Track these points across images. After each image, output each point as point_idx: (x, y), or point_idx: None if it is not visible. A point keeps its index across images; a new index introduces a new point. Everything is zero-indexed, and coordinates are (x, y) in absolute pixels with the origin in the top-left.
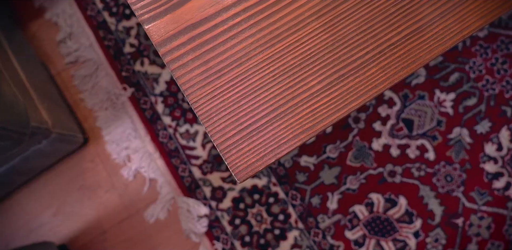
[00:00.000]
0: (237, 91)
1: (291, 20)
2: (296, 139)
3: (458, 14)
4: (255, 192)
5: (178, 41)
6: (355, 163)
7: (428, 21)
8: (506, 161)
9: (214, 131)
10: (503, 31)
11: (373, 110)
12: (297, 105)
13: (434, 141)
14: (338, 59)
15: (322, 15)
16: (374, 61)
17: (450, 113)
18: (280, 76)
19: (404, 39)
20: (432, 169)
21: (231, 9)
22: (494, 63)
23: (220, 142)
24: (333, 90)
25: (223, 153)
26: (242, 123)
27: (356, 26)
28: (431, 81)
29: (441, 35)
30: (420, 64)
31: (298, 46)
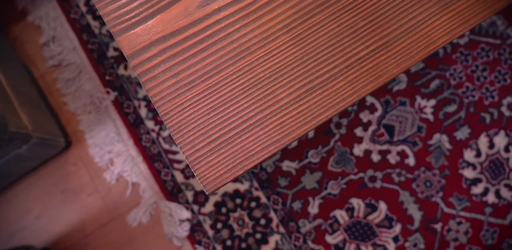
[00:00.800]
0: (207, 104)
1: (262, 33)
2: (265, 151)
3: (425, 30)
4: (237, 196)
5: (149, 53)
6: (336, 168)
7: (396, 35)
8: (484, 167)
9: (184, 142)
10: (483, 39)
11: (354, 116)
12: (266, 118)
13: (415, 146)
14: (307, 73)
15: (292, 28)
16: (342, 75)
17: (431, 120)
18: (250, 89)
19: (372, 53)
20: (412, 174)
21: (202, 21)
22: (475, 70)
23: (190, 154)
24: (302, 103)
25: (192, 165)
26: (211, 135)
27: (325, 40)
28: (412, 88)
29: (409, 49)
30: (387, 78)
31: (268, 59)
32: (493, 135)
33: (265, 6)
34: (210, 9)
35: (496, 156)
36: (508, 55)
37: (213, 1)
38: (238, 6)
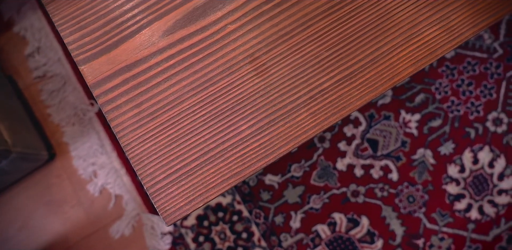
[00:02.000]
0: (168, 135)
1: (225, 63)
2: (225, 183)
3: (390, 60)
4: (219, 210)
5: (112, 83)
6: (319, 182)
7: (361, 66)
8: (468, 182)
9: (145, 174)
10: (470, 53)
11: (338, 130)
12: (227, 150)
13: (398, 161)
14: (270, 104)
15: (255, 58)
16: (305, 107)
17: (415, 134)
18: (212, 120)
19: (336, 85)
20: (395, 189)
21: (166, 51)
22: (460, 85)
23: (150, 185)
24: (263, 135)
25: (152, 196)
26: (172, 167)
27: (288, 70)
28: (397, 102)
29: (373, 81)
30: (350, 111)
31: (231, 90)
32: (477, 150)
33: (228, 36)
34: (173, 38)
35: (480, 171)
36: (494, 69)
37: (177, 31)
38: (201, 35)
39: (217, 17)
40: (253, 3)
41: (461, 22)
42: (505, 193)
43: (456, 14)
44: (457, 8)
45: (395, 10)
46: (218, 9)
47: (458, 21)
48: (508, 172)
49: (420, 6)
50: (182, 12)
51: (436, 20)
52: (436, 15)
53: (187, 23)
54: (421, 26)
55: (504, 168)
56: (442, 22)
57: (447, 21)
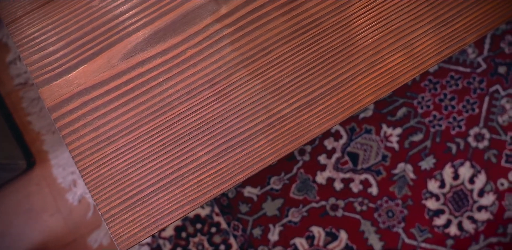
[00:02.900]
0: (125, 160)
1: (184, 87)
2: (180, 210)
3: (351, 88)
4: (198, 221)
5: (70, 106)
6: (298, 196)
7: (321, 93)
8: (448, 198)
9: (100, 199)
10: (453, 67)
11: (319, 143)
12: (183, 176)
13: (378, 175)
14: (228, 130)
15: (215, 83)
16: (263, 134)
17: (396, 149)
18: (169, 146)
19: (295, 112)
20: (374, 204)
21: (125, 74)
22: (443, 99)
23: (105, 211)
24: (220, 162)
25: (107, 222)
26: (127, 192)
27: (248, 96)
28: (379, 115)
29: (333, 108)
30: (309, 138)
31: (189, 115)
32: (458, 166)
33: (189, 60)
34: (133, 61)
35: (460, 187)
36: (477, 84)
37: (137, 54)
38: (161, 59)
39: (178, 41)
40: (215, 26)
41: (424, 49)
42: (485, 209)
43: (420, 41)
44: (421, 34)
45: (358, 36)
46: (179, 32)
47: (422, 48)
48: (489, 188)
49: (384, 32)
50: (142, 35)
51: (399, 46)
52: (400, 42)
53: (147, 46)
54: (384, 52)
55: (485, 184)
56: (405, 49)
57: (411, 48)
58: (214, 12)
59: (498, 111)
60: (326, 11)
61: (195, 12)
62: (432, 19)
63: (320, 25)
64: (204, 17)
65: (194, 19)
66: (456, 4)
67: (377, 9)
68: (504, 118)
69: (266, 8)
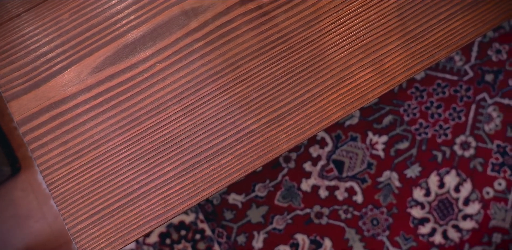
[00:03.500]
0: (93, 174)
1: (153, 102)
2: (146, 225)
3: (319, 104)
4: (182, 228)
5: (39, 120)
6: (283, 203)
7: (289, 109)
8: (433, 206)
9: (67, 213)
10: (440, 74)
11: (304, 151)
12: (150, 192)
13: (363, 183)
14: (195, 145)
15: (183, 98)
16: (230, 149)
17: (381, 156)
18: (136, 161)
19: (263, 127)
20: (359, 211)
21: (94, 88)
22: (429, 107)
23: (72, 225)
24: (187, 178)
25: (73, 237)
26: (95, 207)
27: (216, 111)
28: (365, 123)
29: (301, 124)
30: (276, 154)
31: (157, 130)
32: (444, 174)
33: (157, 74)
34: (102, 75)
35: (445, 195)
36: (464, 92)
37: (106, 68)
38: (130, 73)
39: (147, 55)
40: (184, 41)
41: (394, 65)
42: (470, 218)
43: (389, 57)
44: (391, 50)
45: (328, 51)
46: (149, 46)
47: (391, 64)
48: (474, 196)
49: (353, 48)
50: (112, 48)
51: (368, 62)
52: (369, 58)
53: (116, 60)
54: (353, 68)
55: (470, 193)
56: (375, 65)
57: (380, 64)
58: (184, 26)
59: (485, 120)
60: (295, 26)
61: (165, 26)
62: (402, 34)
63: (289, 40)
64: (174, 31)
65: (164, 33)
66: (426, 20)
67: (346, 25)
68: (491, 126)
69: (236, 22)
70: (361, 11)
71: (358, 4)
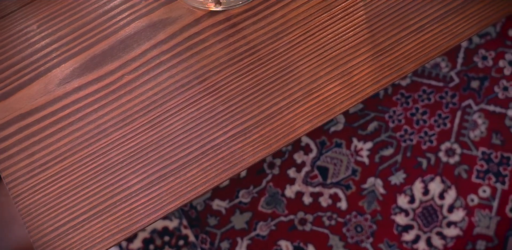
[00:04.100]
0: (59, 186)
1: (120, 114)
2: (111, 239)
3: (286, 117)
4: (166, 234)
5: (6, 132)
6: (266, 209)
7: (256, 122)
8: (417, 213)
9: (33, 226)
10: (426, 81)
11: (288, 157)
12: (116, 204)
13: (348, 190)
14: (162, 158)
15: (150, 110)
16: (196, 162)
17: (366, 163)
18: (102, 173)
19: (229, 140)
20: (343, 218)
21: (62, 100)
22: (414, 113)
23: (37, 238)
24: (153, 191)
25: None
26: (60, 220)
27: (182, 124)
28: (349, 129)
29: (267, 137)
30: (242, 168)
31: (124, 142)
32: (428, 181)
33: (125, 86)
34: (70, 87)
35: (430, 202)
36: (450, 98)
37: (74, 79)
38: (98, 85)
39: (115, 67)
40: (152, 52)
41: (362, 78)
42: (454, 225)
43: (358, 69)
44: (359, 63)
45: (296, 64)
46: (116, 58)
47: (360, 77)
48: (458, 204)
49: (321, 60)
50: (80, 60)
51: (337, 75)
52: (338, 70)
53: (84, 71)
54: (321, 81)
55: (454, 200)
56: (343, 77)
57: (349, 76)
58: (152, 38)
59: (470, 126)
60: (264, 38)
61: (133, 38)
62: (371, 47)
63: (257, 52)
64: (141, 43)
65: (131, 44)
66: (396, 32)
67: (315, 37)
68: (476, 133)
69: (204, 34)
70: (330, 23)
71: (328, 16)
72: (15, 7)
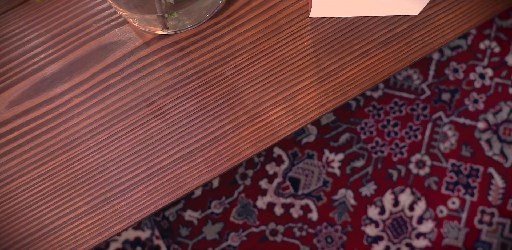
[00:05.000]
0: (5, 209)
1: (67, 137)
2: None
3: (231, 140)
4: (138, 244)
5: None
6: (238, 220)
7: (202, 145)
8: (387, 225)
9: None
10: (397, 93)
11: (260, 168)
12: (61, 226)
13: (319, 201)
14: (108, 181)
15: (97, 133)
16: (142, 185)
17: (337, 174)
18: (49, 195)
19: (175, 163)
20: (314, 229)
21: (11, 122)
22: (386, 125)
23: None
24: (98, 213)
25: None
26: (6, 242)
27: (129, 147)
28: (321, 141)
29: (212, 161)
30: (187, 190)
31: (71, 165)
32: (398, 192)
33: (73, 109)
34: (19, 109)
35: (400, 214)
36: (421, 110)
37: (23, 102)
38: (46, 107)
39: (64, 89)
40: (101, 75)
41: (307, 102)
42: (423, 237)
43: (303, 93)
44: (304, 87)
45: (241, 88)
46: (66, 81)
47: (304, 101)
48: (428, 215)
49: (267, 84)
50: (30, 82)
51: (282, 99)
52: (283, 94)
53: (34, 94)
54: (266, 105)
55: (424, 211)
56: (288, 102)
57: (293, 100)
58: (101, 61)
59: (440, 138)
60: (211, 62)
61: (82, 60)
62: (316, 71)
63: (204, 76)
64: (91, 65)
65: (81, 67)
66: (340, 57)
67: (262, 61)
68: (446, 145)
69: (153, 57)
70: (277, 48)
71: (275, 41)
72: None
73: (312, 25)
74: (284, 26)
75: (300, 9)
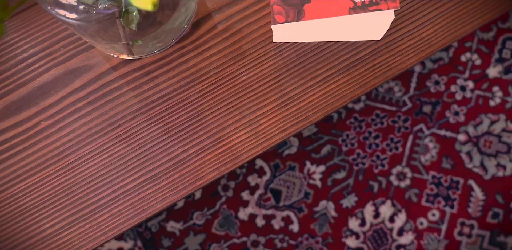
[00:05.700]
0: None
1: (35, 160)
2: None
3: (195, 164)
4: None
5: None
6: (220, 231)
7: (165, 169)
8: (368, 236)
9: None
10: (379, 105)
11: (242, 179)
12: (28, 248)
13: (300, 213)
14: (74, 203)
15: (64, 157)
16: (107, 208)
17: (318, 186)
18: (17, 218)
19: (139, 187)
20: (295, 240)
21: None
22: (367, 137)
23: None
24: (64, 235)
25: None
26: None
27: (95, 170)
28: (303, 153)
29: (176, 184)
30: (150, 213)
31: (37, 188)
32: (379, 204)
33: (41, 132)
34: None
35: (380, 225)
36: (402, 123)
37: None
38: (15, 131)
39: (32, 113)
40: (68, 99)
41: (269, 126)
42: (403, 248)
43: (265, 118)
44: (267, 112)
45: (205, 112)
46: (34, 104)
47: (267, 126)
48: (408, 227)
49: (230, 109)
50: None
51: (245, 124)
52: (246, 119)
53: (2, 118)
54: (230, 129)
55: (404, 223)
56: (250, 126)
57: (256, 125)
58: (68, 85)
59: (421, 151)
60: (176, 86)
61: (50, 84)
62: (279, 96)
63: (169, 100)
64: (58, 89)
65: (49, 91)
66: (303, 82)
67: (226, 86)
68: (427, 157)
69: (119, 82)
70: (241, 72)
71: (239, 66)
72: None
73: (276, 50)
74: (249, 51)
75: (264, 34)
